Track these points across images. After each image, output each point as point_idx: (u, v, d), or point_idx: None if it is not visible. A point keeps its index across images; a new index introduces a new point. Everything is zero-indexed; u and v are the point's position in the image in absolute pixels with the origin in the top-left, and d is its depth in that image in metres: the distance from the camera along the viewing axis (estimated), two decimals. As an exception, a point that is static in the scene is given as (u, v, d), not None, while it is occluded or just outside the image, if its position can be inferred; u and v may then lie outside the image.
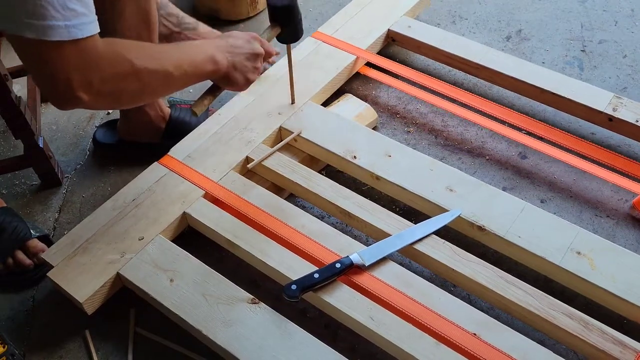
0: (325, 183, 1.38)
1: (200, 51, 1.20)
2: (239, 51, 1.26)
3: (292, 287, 1.18)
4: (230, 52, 1.24)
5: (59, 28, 0.93)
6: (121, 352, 1.27)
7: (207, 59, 1.20)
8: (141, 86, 1.10)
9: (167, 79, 1.14)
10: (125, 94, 1.09)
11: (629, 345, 1.10)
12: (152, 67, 1.09)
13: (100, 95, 1.03)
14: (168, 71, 1.12)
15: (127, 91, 1.08)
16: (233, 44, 1.26)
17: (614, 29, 1.87)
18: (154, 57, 1.11)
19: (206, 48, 1.21)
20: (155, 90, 1.17)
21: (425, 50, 1.75)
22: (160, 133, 1.57)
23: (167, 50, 1.16)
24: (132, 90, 1.09)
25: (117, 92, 1.06)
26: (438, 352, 1.11)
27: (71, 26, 0.94)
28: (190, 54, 1.18)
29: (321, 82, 1.61)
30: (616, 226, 1.41)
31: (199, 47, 1.21)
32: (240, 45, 1.26)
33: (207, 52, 1.20)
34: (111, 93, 1.05)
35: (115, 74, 1.04)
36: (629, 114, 1.49)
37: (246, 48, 1.27)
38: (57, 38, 0.94)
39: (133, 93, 1.11)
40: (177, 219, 1.34)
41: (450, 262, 1.23)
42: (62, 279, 1.26)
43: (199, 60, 1.18)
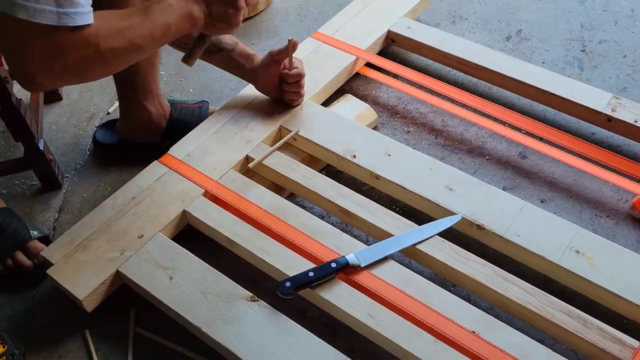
0: (325, 182, 1.38)
1: (173, 11, 1.13)
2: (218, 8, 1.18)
3: (286, 284, 1.18)
4: (206, 1, 1.17)
5: (50, 13, 0.94)
6: (121, 352, 1.27)
7: (182, 18, 1.14)
8: (106, 65, 1.07)
9: (137, 51, 1.11)
10: (90, 74, 1.07)
11: (627, 344, 1.10)
12: (120, 46, 1.06)
13: (61, 78, 1.04)
14: (138, 45, 1.09)
15: (91, 71, 1.07)
16: None
17: (614, 29, 1.88)
18: (122, 33, 1.06)
19: (179, 5, 1.14)
20: (123, 64, 1.13)
21: (425, 51, 1.75)
22: (160, 132, 1.57)
23: (137, 21, 1.09)
24: (97, 70, 1.07)
25: (80, 74, 1.05)
26: (437, 349, 1.11)
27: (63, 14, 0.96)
28: (162, 18, 1.11)
29: (321, 82, 1.61)
30: (616, 226, 1.41)
31: (171, 5, 1.13)
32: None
33: (181, 10, 1.14)
34: (74, 75, 1.04)
35: (80, 58, 1.02)
36: (628, 115, 1.49)
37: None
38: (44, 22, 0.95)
39: (98, 72, 1.09)
40: (177, 217, 1.34)
41: (449, 261, 1.23)
42: (62, 276, 1.26)
43: (172, 21, 1.13)
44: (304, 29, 2.00)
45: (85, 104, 1.82)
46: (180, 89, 1.83)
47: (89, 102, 1.83)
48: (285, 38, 1.96)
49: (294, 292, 1.19)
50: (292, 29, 2.01)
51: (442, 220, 1.29)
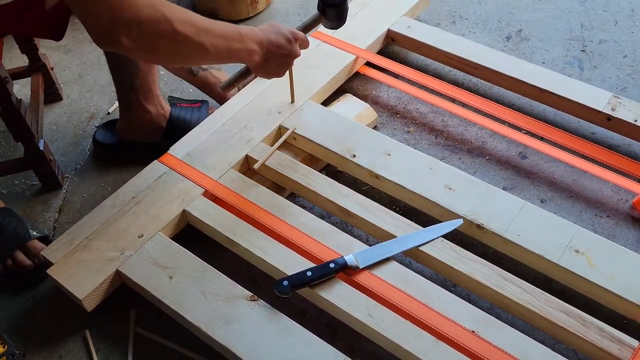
0: (325, 182, 1.38)
1: (242, 42, 1.23)
2: (278, 51, 1.30)
3: (284, 283, 1.18)
4: (269, 50, 1.29)
5: None
6: (121, 352, 1.27)
7: (245, 50, 1.25)
8: (177, 48, 1.15)
9: (202, 53, 1.18)
10: (162, 52, 1.15)
11: (626, 343, 1.10)
12: (191, 37, 1.14)
13: (139, 46, 1.10)
14: (205, 46, 1.17)
15: (164, 49, 1.14)
16: (275, 42, 1.29)
17: (614, 29, 1.87)
18: (197, 29, 1.15)
19: (247, 40, 1.24)
20: (189, 57, 1.22)
21: (425, 51, 1.75)
22: (160, 132, 1.57)
23: (211, 27, 1.18)
24: (168, 49, 1.14)
25: (154, 47, 1.12)
26: (437, 349, 1.11)
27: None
28: (232, 40, 1.22)
29: (321, 82, 1.61)
30: (616, 226, 1.41)
31: (242, 37, 1.24)
32: (281, 46, 1.30)
33: (246, 43, 1.24)
34: (149, 46, 1.12)
35: (156, 30, 1.09)
36: (628, 114, 1.49)
37: (286, 49, 1.31)
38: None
39: (168, 52, 1.16)
40: (177, 216, 1.35)
41: (449, 261, 1.23)
42: (62, 276, 1.26)
43: (237, 48, 1.23)
44: (303, 29, 1.99)
45: (85, 104, 1.82)
46: (180, 89, 1.83)
47: (89, 102, 1.83)
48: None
49: (292, 292, 1.19)
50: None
51: (443, 225, 1.29)
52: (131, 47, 1.08)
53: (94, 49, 1.95)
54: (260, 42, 1.27)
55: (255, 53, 1.26)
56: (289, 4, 2.11)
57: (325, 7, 1.40)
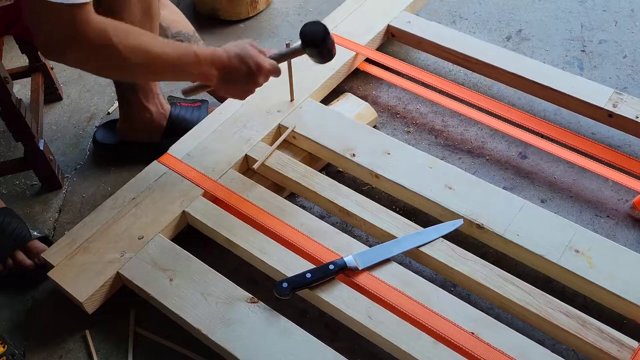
0: (325, 182, 1.38)
1: (196, 65, 1.20)
2: (238, 78, 1.27)
3: (283, 285, 1.18)
4: (229, 75, 1.25)
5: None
6: (121, 352, 1.27)
7: (200, 76, 1.23)
8: (122, 70, 1.14)
9: (152, 74, 1.22)
10: (106, 70, 1.17)
11: (626, 344, 1.10)
12: (140, 64, 1.12)
13: (84, 62, 1.11)
14: (155, 70, 1.17)
15: (108, 68, 1.15)
16: (236, 70, 1.25)
17: (614, 29, 1.87)
18: (146, 57, 1.13)
19: (205, 64, 1.21)
20: (136, 77, 1.26)
21: (425, 46, 1.74)
22: (160, 131, 1.57)
23: (165, 52, 1.16)
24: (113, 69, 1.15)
25: (99, 66, 1.13)
26: (436, 351, 1.11)
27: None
28: (187, 65, 1.19)
29: (320, 79, 1.61)
30: (616, 226, 1.41)
31: (199, 62, 1.21)
32: (243, 75, 1.26)
33: (203, 68, 1.21)
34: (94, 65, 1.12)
35: (100, 52, 1.08)
36: (629, 110, 1.49)
37: (246, 79, 1.27)
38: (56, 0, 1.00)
39: (113, 72, 1.19)
40: (177, 217, 1.34)
41: (448, 261, 1.23)
42: (63, 278, 1.26)
43: (189, 72, 1.21)
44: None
45: (85, 104, 1.82)
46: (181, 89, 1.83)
47: (89, 102, 1.83)
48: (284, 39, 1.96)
49: (291, 293, 1.19)
50: (292, 29, 2.01)
51: (443, 225, 1.29)
52: (76, 64, 1.10)
53: (93, 49, 1.95)
54: (220, 66, 1.23)
55: (213, 77, 1.24)
56: (289, 4, 2.10)
57: (305, 46, 1.34)
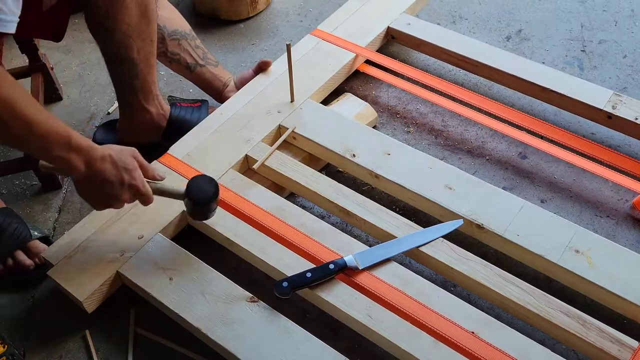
0: (325, 182, 1.38)
1: (65, 149, 1.08)
2: (102, 185, 1.14)
3: (284, 285, 1.18)
4: (93, 179, 1.13)
5: None
6: (121, 352, 1.27)
7: (64, 162, 1.10)
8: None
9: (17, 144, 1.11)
10: None
11: (626, 344, 1.10)
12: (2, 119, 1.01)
13: None
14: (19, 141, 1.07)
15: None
16: (104, 176, 1.13)
17: (614, 29, 1.87)
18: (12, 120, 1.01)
19: (74, 153, 1.09)
20: None
21: (425, 48, 1.74)
22: (160, 132, 1.57)
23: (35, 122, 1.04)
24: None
25: None
26: (436, 350, 1.11)
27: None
28: (53, 144, 1.07)
29: (320, 80, 1.61)
30: (616, 226, 1.41)
31: (68, 146, 1.08)
32: (109, 182, 1.14)
33: (71, 156, 1.09)
34: None
35: None
36: (629, 112, 1.49)
37: (110, 189, 1.15)
38: None
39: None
40: (177, 217, 1.34)
41: (448, 261, 1.23)
42: (63, 277, 1.26)
43: (55, 155, 1.08)
44: (303, 28, 2.00)
45: (85, 104, 1.82)
46: (180, 89, 1.83)
47: (89, 102, 1.83)
48: (284, 39, 1.97)
49: (292, 293, 1.19)
50: (292, 29, 2.01)
51: (443, 225, 1.29)
52: None
53: (94, 49, 1.95)
54: (89, 161, 1.11)
55: (77, 171, 1.11)
56: (289, 4, 2.10)
57: (186, 197, 1.23)
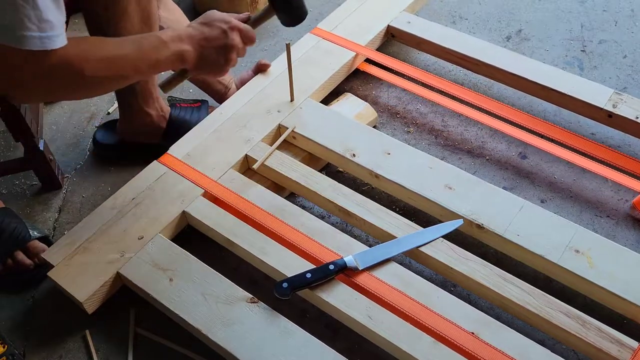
0: (325, 182, 1.38)
1: (166, 48, 1.15)
2: (212, 43, 1.20)
3: (283, 285, 1.18)
4: (201, 45, 1.19)
5: (33, 39, 0.97)
6: (121, 352, 1.27)
7: (173, 57, 1.16)
8: (89, 90, 1.12)
9: (122, 80, 1.15)
10: (70, 96, 1.14)
11: (626, 344, 1.10)
12: (105, 74, 1.09)
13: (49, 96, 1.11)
14: (123, 75, 1.12)
15: (72, 94, 1.13)
16: (207, 35, 1.19)
17: (614, 29, 1.87)
18: (110, 62, 1.09)
19: (174, 44, 1.16)
20: (105, 90, 1.18)
21: (425, 47, 1.74)
22: (160, 132, 1.57)
23: (127, 51, 1.11)
24: (78, 93, 1.13)
25: (61, 95, 1.13)
26: (436, 351, 1.11)
27: (45, 37, 0.98)
28: (153, 52, 1.14)
29: (320, 79, 1.61)
30: (616, 226, 1.41)
31: (165, 43, 1.15)
32: (214, 36, 1.20)
33: (174, 48, 1.16)
34: (55, 96, 1.14)
35: (63, 84, 1.06)
36: (629, 110, 1.49)
37: (220, 40, 1.20)
38: (31, 47, 0.97)
39: (79, 95, 1.15)
40: (177, 217, 1.34)
41: (448, 261, 1.23)
42: (62, 278, 1.26)
43: (163, 58, 1.15)
44: (303, 28, 1.97)
45: (85, 104, 1.82)
46: (180, 89, 1.83)
47: (89, 102, 1.82)
48: (284, 39, 1.97)
49: (292, 293, 1.19)
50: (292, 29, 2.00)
51: (443, 225, 1.29)
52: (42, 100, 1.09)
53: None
54: (190, 37, 1.18)
55: (187, 54, 1.17)
56: (289, 4, 2.10)
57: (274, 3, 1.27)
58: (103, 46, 1.10)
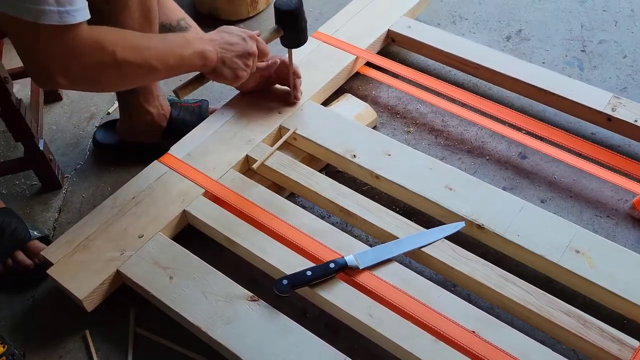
0: (325, 182, 1.38)
1: (189, 46, 1.21)
2: (232, 48, 1.27)
3: (283, 282, 1.18)
4: (223, 48, 1.26)
5: (52, 13, 0.97)
6: (121, 352, 1.27)
7: (196, 55, 1.21)
8: (121, 75, 1.13)
9: (150, 72, 1.16)
10: (105, 81, 1.13)
11: (627, 343, 1.10)
12: (135, 60, 1.12)
13: (79, 81, 1.08)
14: (152, 65, 1.15)
15: (107, 79, 1.12)
16: (227, 40, 1.27)
17: (614, 29, 1.88)
18: (139, 50, 1.13)
19: (197, 43, 1.22)
20: (136, 80, 1.21)
21: (425, 51, 1.75)
22: (161, 132, 1.57)
23: (155, 44, 1.17)
24: (112, 78, 1.12)
25: (96, 79, 1.10)
26: (437, 349, 1.11)
27: (64, 12, 0.98)
28: (178, 48, 1.19)
29: (321, 82, 1.61)
30: (616, 226, 1.41)
31: (189, 41, 1.21)
32: (234, 42, 1.28)
33: (197, 47, 1.21)
34: (90, 79, 1.10)
35: (96, 63, 1.07)
36: (628, 114, 1.49)
37: (240, 45, 1.28)
38: (49, 22, 0.97)
39: (112, 81, 1.14)
40: (177, 216, 1.34)
41: (449, 260, 1.23)
42: (62, 276, 1.26)
43: (187, 55, 1.20)
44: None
45: (85, 104, 1.82)
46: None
47: (89, 102, 1.83)
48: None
49: (291, 291, 1.19)
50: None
51: (444, 227, 1.29)
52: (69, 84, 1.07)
53: (94, 49, 1.96)
54: (211, 41, 1.24)
55: (209, 54, 1.23)
56: (289, 4, 2.10)
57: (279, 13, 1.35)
58: (133, 35, 1.15)
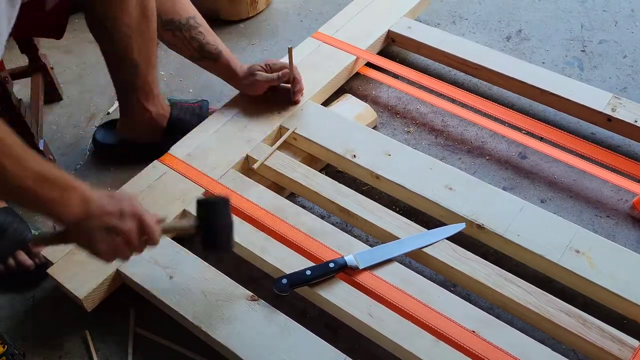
0: (325, 182, 1.38)
1: (61, 189, 0.97)
2: (103, 218, 1.00)
3: (283, 281, 1.18)
4: (92, 213, 1.00)
5: None
6: (121, 352, 1.27)
7: (59, 200, 0.97)
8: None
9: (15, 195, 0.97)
10: None
11: (627, 343, 1.10)
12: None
13: None
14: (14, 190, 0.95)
15: None
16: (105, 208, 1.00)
17: (614, 29, 1.88)
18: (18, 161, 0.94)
19: (70, 192, 0.98)
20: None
21: (425, 51, 1.75)
22: (161, 132, 1.57)
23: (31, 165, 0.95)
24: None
25: None
26: (437, 349, 1.11)
27: None
28: (45, 182, 0.96)
29: (321, 82, 1.61)
30: (616, 226, 1.41)
31: (65, 184, 0.98)
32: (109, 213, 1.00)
33: (65, 195, 0.98)
34: None
35: None
36: (628, 115, 1.50)
37: (113, 220, 1.00)
38: None
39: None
40: (177, 216, 1.34)
41: (449, 260, 1.23)
42: (62, 275, 1.26)
43: (49, 197, 0.97)
44: (304, 29, 2.00)
45: (85, 104, 1.82)
46: (180, 89, 1.83)
47: (89, 102, 1.83)
48: (284, 39, 1.97)
49: (291, 290, 1.19)
50: (292, 29, 2.01)
51: (444, 228, 1.29)
52: None
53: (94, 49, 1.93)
54: (87, 200, 0.99)
55: (74, 208, 0.98)
56: (289, 4, 2.11)
57: (197, 205, 1.11)
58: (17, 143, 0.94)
